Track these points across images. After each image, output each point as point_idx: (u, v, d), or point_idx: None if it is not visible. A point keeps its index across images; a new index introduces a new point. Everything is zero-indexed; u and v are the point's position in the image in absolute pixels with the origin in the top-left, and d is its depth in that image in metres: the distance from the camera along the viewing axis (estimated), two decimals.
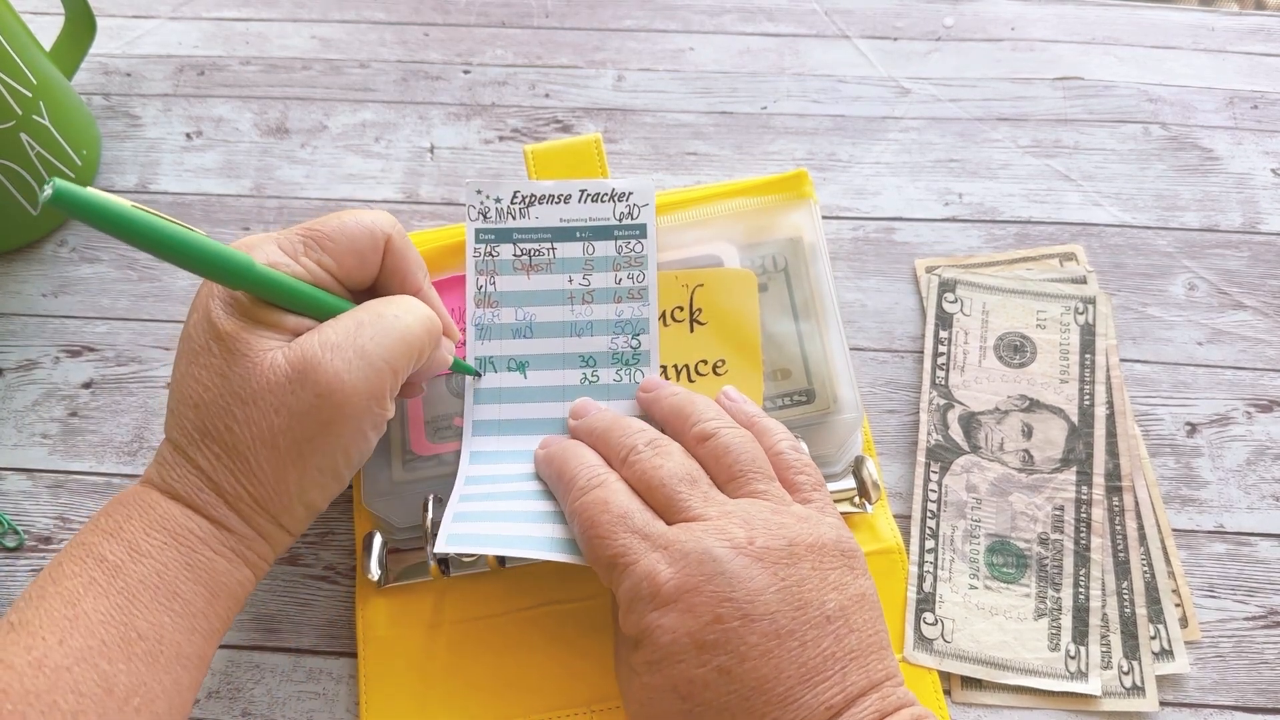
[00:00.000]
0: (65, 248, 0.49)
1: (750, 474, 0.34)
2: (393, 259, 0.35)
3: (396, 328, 0.33)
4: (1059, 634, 0.38)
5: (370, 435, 0.34)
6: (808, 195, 0.43)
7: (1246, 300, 0.46)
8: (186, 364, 0.32)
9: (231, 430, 0.31)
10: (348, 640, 0.39)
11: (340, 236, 0.34)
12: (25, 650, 0.28)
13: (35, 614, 0.29)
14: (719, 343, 0.41)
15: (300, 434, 0.32)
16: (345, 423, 0.32)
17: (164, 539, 0.31)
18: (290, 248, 0.33)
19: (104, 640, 0.29)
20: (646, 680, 0.31)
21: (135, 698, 0.29)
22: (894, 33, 0.55)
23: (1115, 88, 0.52)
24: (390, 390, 0.33)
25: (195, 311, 0.33)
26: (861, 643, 0.31)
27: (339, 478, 0.34)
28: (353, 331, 0.32)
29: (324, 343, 0.32)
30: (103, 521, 0.31)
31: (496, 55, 0.54)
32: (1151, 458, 0.42)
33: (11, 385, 0.45)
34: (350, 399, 0.32)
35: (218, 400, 0.31)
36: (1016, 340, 0.44)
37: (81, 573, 0.30)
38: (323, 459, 0.32)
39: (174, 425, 0.33)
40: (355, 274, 0.35)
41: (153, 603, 0.30)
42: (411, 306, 0.34)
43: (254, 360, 0.31)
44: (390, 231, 0.35)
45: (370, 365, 0.32)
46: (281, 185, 0.50)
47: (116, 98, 0.53)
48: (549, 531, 0.35)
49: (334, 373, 0.31)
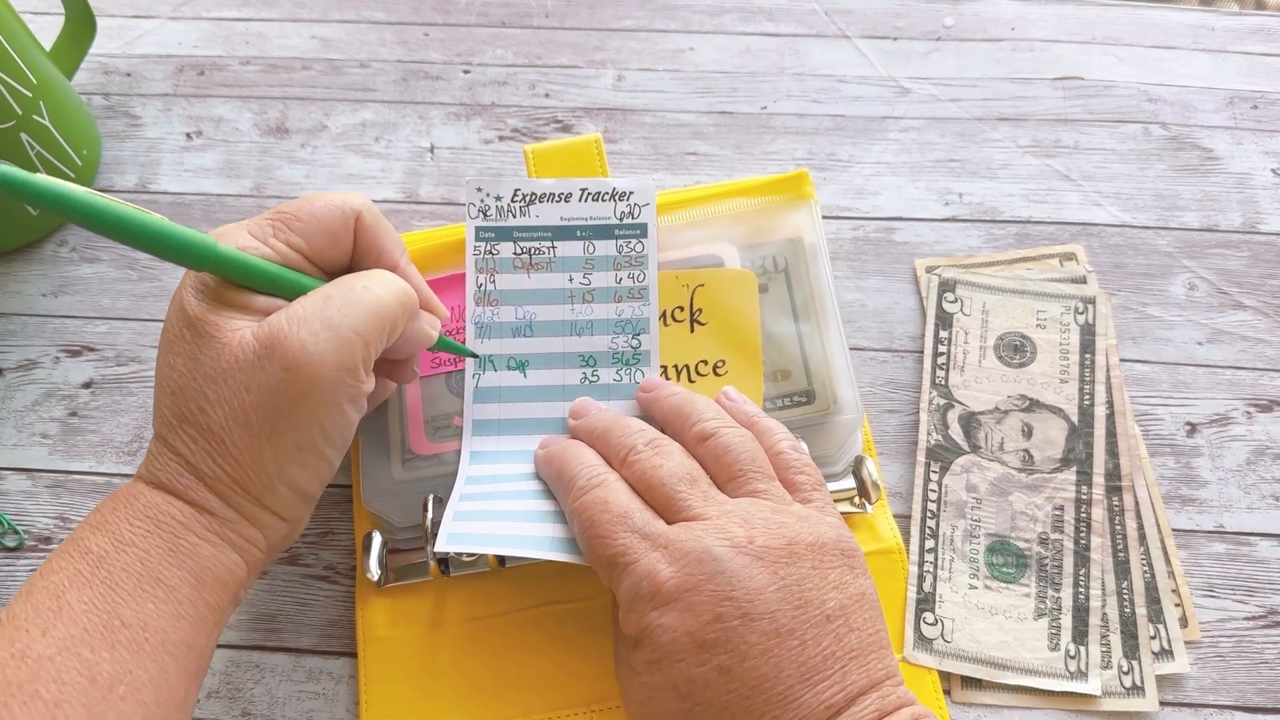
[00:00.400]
0: (65, 248, 0.49)
1: (750, 474, 0.34)
2: (365, 237, 0.35)
3: (366, 299, 0.33)
4: (1059, 634, 0.38)
5: (348, 410, 0.33)
6: (808, 195, 0.43)
7: (1246, 300, 0.46)
8: (164, 354, 0.33)
9: (205, 411, 0.31)
10: (348, 640, 0.39)
11: (308, 216, 0.34)
12: (9, 643, 0.28)
13: (22, 608, 0.29)
14: (719, 343, 0.41)
15: (272, 409, 0.31)
16: (316, 395, 0.32)
17: (147, 527, 0.31)
18: (259, 231, 0.33)
19: (86, 629, 0.29)
20: (647, 679, 0.31)
21: (120, 685, 0.29)
22: (894, 33, 0.55)
23: (1115, 88, 0.52)
24: (364, 362, 0.33)
25: (171, 303, 0.33)
26: (861, 642, 0.31)
27: (321, 455, 0.33)
28: (320, 304, 0.32)
29: (291, 317, 0.32)
30: (91, 517, 0.32)
31: (496, 55, 0.54)
32: (1151, 458, 0.42)
33: (11, 385, 0.45)
34: (319, 371, 0.31)
35: (190, 384, 0.31)
36: (1016, 340, 0.44)
37: (67, 566, 0.30)
38: (298, 435, 0.32)
39: (157, 417, 0.33)
40: (327, 253, 0.34)
41: (136, 590, 0.30)
42: (384, 279, 0.34)
43: (223, 340, 0.31)
44: (360, 208, 0.34)
45: (339, 336, 0.32)
46: (281, 185, 0.50)
47: (116, 98, 0.53)
48: (549, 531, 0.35)
49: (300, 345, 0.31)
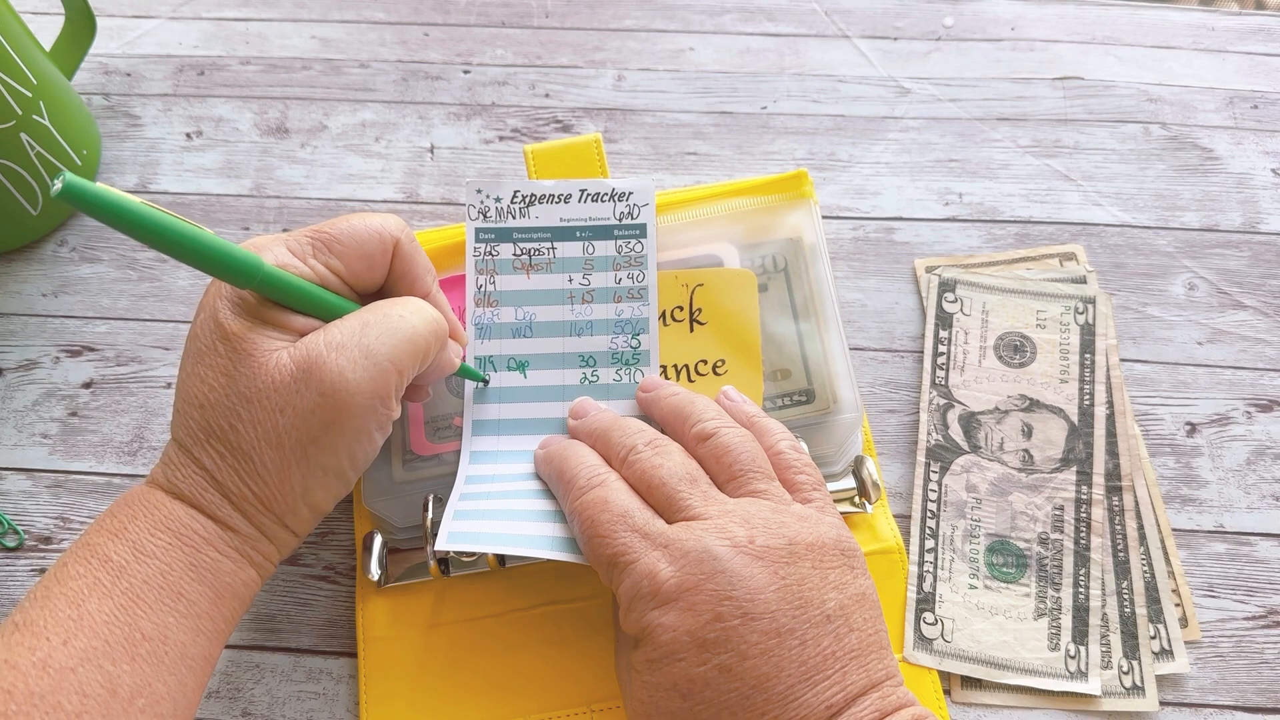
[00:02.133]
0: (65, 248, 0.49)
1: (750, 473, 0.34)
2: (401, 263, 0.35)
3: (402, 328, 0.33)
4: (1059, 634, 0.38)
5: (375, 436, 0.34)
6: (808, 195, 0.43)
7: (1246, 300, 0.46)
8: (192, 364, 0.32)
9: (236, 430, 0.31)
10: (348, 640, 0.39)
11: (349, 239, 0.34)
12: (30, 651, 0.28)
13: (40, 614, 0.29)
14: (719, 343, 0.41)
15: (304, 434, 0.32)
16: (349, 422, 0.32)
17: (168, 539, 0.31)
18: (299, 249, 0.33)
19: (108, 641, 0.29)
20: (647, 679, 0.31)
21: (140, 699, 0.29)
22: (894, 33, 0.55)
23: (1115, 88, 0.52)
24: (395, 391, 0.33)
25: (202, 311, 0.33)
26: (861, 642, 0.31)
27: (344, 478, 0.34)
28: (358, 331, 0.32)
29: (329, 342, 0.32)
30: (107, 521, 0.31)
31: (496, 55, 0.54)
32: (1151, 457, 0.42)
33: (11, 385, 0.45)
34: (354, 398, 0.32)
35: (223, 400, 0.31)
36: (1016, 340, 0.44)
37: (86, 573, 0.30)
38: (327, 459, 0.32)
39: (179, 425, 0.33)
40: (363, 277, 0.35)
41: (157, 603, 0.30)
42: (418, 308, 0.34)
43: (259, 360, 0.31)
44: (399, 235, 0.35)
45: (375, 365, 0.32)
46: (281, 185, 0.50)
47: (116, 98, 0.53)
48: (549, 530, 0.35)
49: (338, 372, 0.31)
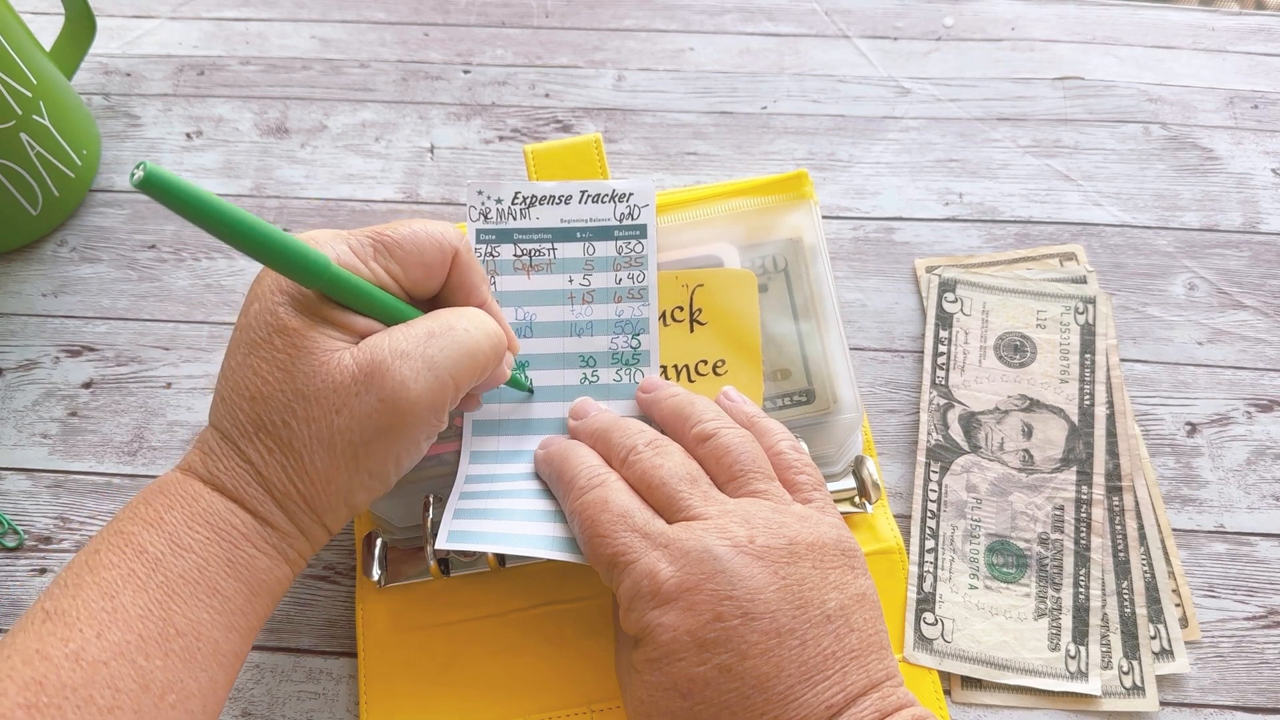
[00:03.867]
0: (65, 248, 0.49)
1: (750, 474, 0.34)
2: (459, 273, 0.35)
3: (466, 342, 0.33)
4: (1059, 634, 0.38)
5: (423, 444, 0.34)
6: (808, 195, 0.43)
7: (1246, 300, 0.46)
8: (244, 354, 0.32)
9: (289, 426, 0.31)
10: (348, 640, 0.39)
11: (410, 246, 0.33)
12: (62, 642, 0.27)
13: (72, 604, 0.28)
14: (719, 343, 0.41)
15: (358, 436, 0.31)
16: (404, 430, 0.32)
17: (206, 533, 0.31)
18: (360, 250, 0.33)
19: (142, 635, 0.28)
20: (647, 678, 0.31)
21: (171, 694, 0.29)
22: (894, 33, 0.55)
23: (1115, 88, 0.52)
24: (450, 403, 0.33)
25: (256, 302, 0.32)
26: (862, 642, 0.31)
27: (385, 482, 0.34)
28: (423, 341, 0.32)
29: (394, 349, 0.31)
30: (142, 510, 0.31)
31: (496, 55, 0.54)
32: (1151, 458, 0.42)
33: (11, 385, 0.45)
34: (414, 408, 0.31)
35: (278, 394, 0.31)
36: (1016, 340, 0.44)
37: (120, 563, 0.29)
38: (375, 463, 0.32)
39: (224, 415, 0.32)
40: (421, 284, 0.34)
41: (192, 598, 0.30)
42: (481, 322, 0.34)
43: (320, 358, 0.31)
44: (458, 245, 0.35)
45: (436, 377, 0.32)
46: (281, 185, 0.50)
47: (116, 98, 0.53)
48: (549, 530, 0.35)
49: (401, 380, 0.31)
